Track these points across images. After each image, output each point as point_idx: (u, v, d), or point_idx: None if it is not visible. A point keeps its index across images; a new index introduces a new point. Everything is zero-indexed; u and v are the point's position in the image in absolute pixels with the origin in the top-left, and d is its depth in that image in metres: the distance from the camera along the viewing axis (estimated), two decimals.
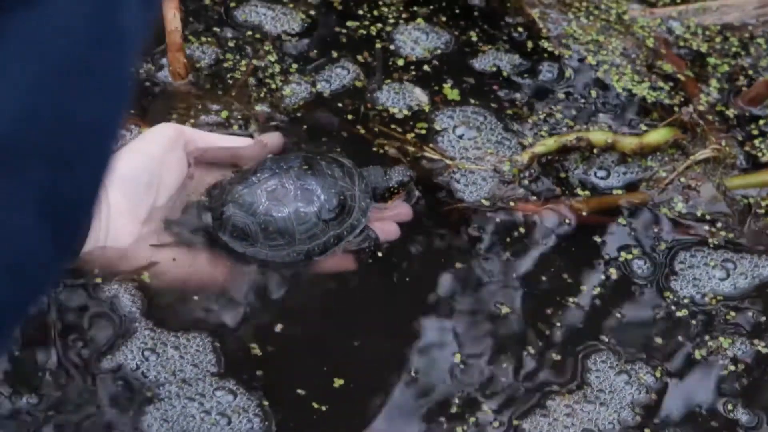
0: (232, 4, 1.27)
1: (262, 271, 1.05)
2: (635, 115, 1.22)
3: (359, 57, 1.23)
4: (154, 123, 1.10)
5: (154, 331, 1.01)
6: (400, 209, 1.12)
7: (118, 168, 1.03)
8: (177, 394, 0.98)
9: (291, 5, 1.27)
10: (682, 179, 1.16)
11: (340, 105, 1.19)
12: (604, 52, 1.27)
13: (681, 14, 1.32)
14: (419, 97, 1.21)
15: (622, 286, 1.10)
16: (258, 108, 1.18)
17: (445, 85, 1.22)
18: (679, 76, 1.25)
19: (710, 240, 1.13)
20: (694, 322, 1.08)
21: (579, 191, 1.15)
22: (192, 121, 1.15)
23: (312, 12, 1.27)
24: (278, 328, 1.03)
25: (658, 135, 1.19)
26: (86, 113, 0.56)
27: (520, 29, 1.28)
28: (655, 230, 1.13)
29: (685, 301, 1.09)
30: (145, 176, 1.04)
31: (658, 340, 1.07)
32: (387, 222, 1.10)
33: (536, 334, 1.06)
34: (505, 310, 1.06)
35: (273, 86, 1.20)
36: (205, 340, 1.01)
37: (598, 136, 1.17)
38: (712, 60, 1.28)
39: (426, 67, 1.23)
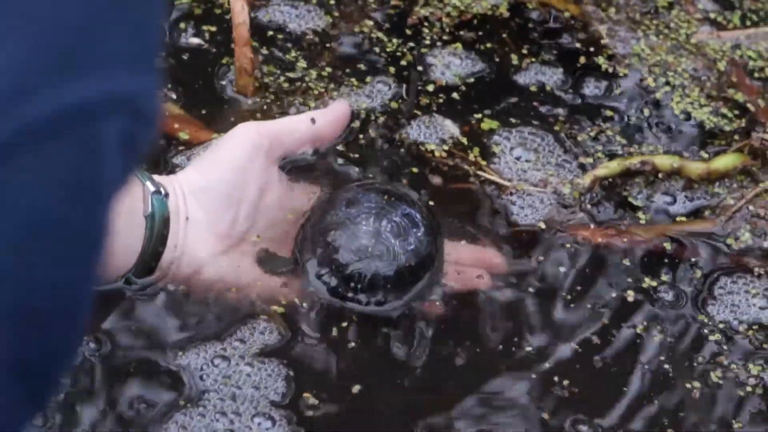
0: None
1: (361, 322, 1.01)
2: (691, 140, 1.17)
3: (394, 75, 1.19)
4: (224, 130, 1.06)
5: (243, 342, 0.98)
6: (491, 257, 1.06)
7: (196, 179, 1.00)
8: (220, 409, 0.95)
9: (315, 2, 1.24)
10: (751, 207, 1.12)
11: (385, 125, 1.15)
12: (671, 73, 1.22)
13: (750, 38, 1.27)
14: (450, 129, 1.15)
15: (660, 306, 1.06)
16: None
17: (477, 116, 1.16)
18: (749, 104, 1.20)
19: (756, 269, 1.08)
20: (726, 347, 1.04)
21: (642, 217, 1.11)
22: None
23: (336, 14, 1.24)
24: (355, 389, 0.99)
25: (727, 161, 1.14)
26: (56, 272, 0.53)
27: (577, 45, 1.24)
28: (703, 256, 1.09)
29: (721, 325, 1.05)
30: (225, 187, 0.99)
31: (695, 359, 1.03)
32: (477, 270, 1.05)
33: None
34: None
35: (316, 92, 1.17)
36: (282, 370, 0.97)
37: (663, 160, 1.13)
38: None
39: (455, 95, 1.18)
